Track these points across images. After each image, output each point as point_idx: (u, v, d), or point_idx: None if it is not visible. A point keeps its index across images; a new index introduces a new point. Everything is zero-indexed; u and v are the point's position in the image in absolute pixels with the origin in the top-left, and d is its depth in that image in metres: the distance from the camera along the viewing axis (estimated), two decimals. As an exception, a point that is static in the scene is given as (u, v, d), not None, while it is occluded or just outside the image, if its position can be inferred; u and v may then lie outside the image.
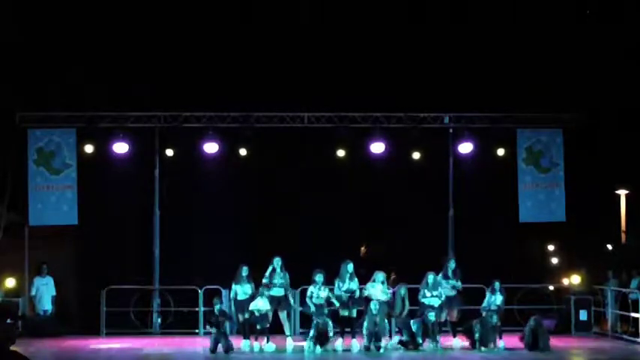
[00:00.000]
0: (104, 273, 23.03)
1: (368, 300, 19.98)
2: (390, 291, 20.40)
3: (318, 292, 19.98)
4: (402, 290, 20.45)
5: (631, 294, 22.77)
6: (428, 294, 20.39)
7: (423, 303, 20.33)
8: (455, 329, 20.93)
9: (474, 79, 23.76)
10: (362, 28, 24.11)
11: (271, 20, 24.03)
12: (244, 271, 20.24)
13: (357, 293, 20.23)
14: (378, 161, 23.67)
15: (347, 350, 19.75)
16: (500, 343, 20.24)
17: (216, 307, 19.71)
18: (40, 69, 23.36)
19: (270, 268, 20.27)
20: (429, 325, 20.04)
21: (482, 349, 19.83)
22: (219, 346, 19.44)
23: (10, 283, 23.36)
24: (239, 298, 20.13)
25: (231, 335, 19.95)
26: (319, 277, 20.04)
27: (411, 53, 23.98)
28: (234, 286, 20.25)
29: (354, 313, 20.22)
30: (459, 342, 20.61)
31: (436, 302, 20.37)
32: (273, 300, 20.20)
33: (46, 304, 22.95)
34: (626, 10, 24.70)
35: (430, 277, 20.49)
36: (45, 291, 22.98)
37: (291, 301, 20.79)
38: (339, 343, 19.95)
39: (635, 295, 22.47)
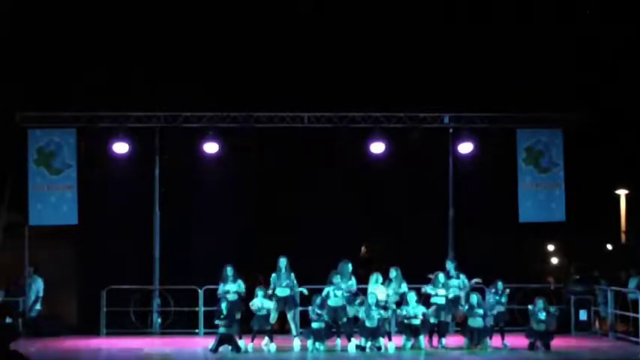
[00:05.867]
0: (104, 273, 23.02)
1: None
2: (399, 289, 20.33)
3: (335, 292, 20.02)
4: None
5: (630, 294, 22.78)
6: (434, 292, 20.42)
7: (431, 301, 20.37)
8: (461, 329, 20.99)
9: (474, 79, 23.77)
10: (362, 28, 24.13)
11: (271, 20, 24.04)
12: (229, 271, 20.28)
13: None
14: (378, 161, 23.68)
15: (344, 350, 19.75)
16: (503, 343, 20.28)
17: (223, 306, 19.68)
18: (40, 69, 23.37)
19: (278, 269, 20.32)
20: (433, 325, 20.13)
21: (472, 349, 19.80)
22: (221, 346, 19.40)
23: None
24: (230, 299, 20.09)
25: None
26: (337, 279, 20.09)
27: (411, 53, 24.00)
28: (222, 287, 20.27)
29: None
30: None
31: (442, 301, 20.42)
32: (279, 301, 20.21)
33: (37, 304, 22.99)
34: (626, 10, 24.71)
35: (440, 276, 20.52)
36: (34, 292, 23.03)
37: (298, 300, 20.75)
38: (336, 343, 19.95)
39: (634, 295, 22.46)
